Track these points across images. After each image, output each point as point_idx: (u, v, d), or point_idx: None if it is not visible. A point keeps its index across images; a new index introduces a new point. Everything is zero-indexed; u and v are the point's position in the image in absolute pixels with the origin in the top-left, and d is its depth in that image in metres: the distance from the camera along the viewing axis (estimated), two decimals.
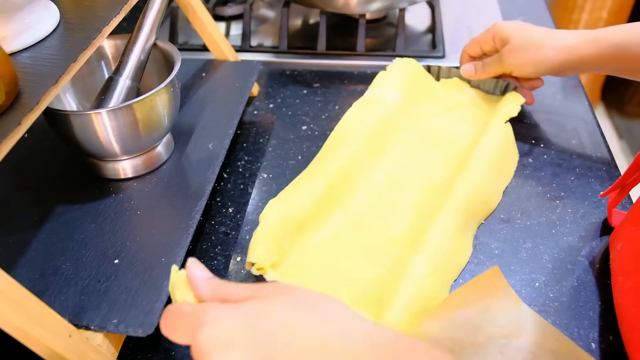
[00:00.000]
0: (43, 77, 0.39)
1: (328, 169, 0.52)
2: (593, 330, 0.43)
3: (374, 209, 0.51)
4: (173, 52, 0.53)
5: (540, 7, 0.87)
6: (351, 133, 0.56)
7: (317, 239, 0.48)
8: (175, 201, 0.49)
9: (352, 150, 0.54)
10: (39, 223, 0.47)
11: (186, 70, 0.66)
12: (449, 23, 0.83)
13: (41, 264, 0.44)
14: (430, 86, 0.66)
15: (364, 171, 0.54)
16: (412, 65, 0.66)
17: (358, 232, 0.49)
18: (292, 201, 0.48)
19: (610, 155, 0.59)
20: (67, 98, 0.54)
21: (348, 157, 0.53)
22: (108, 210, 0.49)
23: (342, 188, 0.52)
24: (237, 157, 0.61)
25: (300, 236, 0.48)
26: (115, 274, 0.43)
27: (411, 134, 0.59)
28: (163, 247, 0.45)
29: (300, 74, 0.74)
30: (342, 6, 0.75)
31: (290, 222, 0.47)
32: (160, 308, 0.40)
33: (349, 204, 0.51)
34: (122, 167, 0.52)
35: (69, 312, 0.40)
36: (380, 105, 0.60)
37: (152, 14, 0.51)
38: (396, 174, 0.55)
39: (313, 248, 0.47)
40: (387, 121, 0.58)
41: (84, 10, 0.47)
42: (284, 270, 0.45)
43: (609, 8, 1.62)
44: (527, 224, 0.52)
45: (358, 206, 0.51)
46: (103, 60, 0.57)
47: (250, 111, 0.68)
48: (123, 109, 0.47)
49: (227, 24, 0.84)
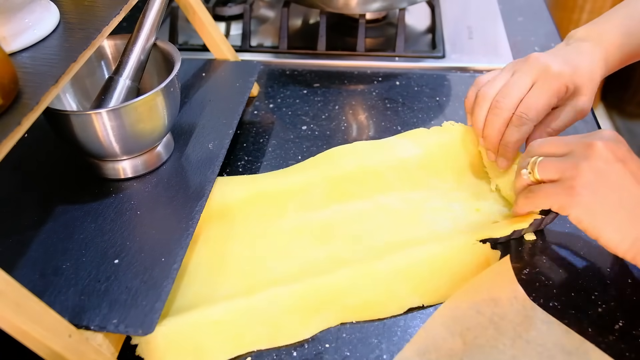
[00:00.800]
0: (43, 77, 0.39)
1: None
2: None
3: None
4: (173, 52, 0.53)
5: (540, 7, 0.87)
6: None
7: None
8: (175, 201, 0.49)
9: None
10: (39, 223, 0.47)
11: (186, 70, 0.66)
12: (449, 23, 0.83)
13: (41, 264, 0.44)
14: (456, 162, 0.56)
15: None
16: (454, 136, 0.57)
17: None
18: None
19: None
20: (67, 98, 0.54)
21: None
22: (108, 210, 0.49)
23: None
24: (237, 157, 0.61)
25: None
26: (115, 274, 0.43)
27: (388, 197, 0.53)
28: (163, 247, 0.45)
29: (300, 74, 0.74)
30: (342, 6, 0.75)
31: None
32: (161, 308, 0.40)
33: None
34: (122, 167, 0.52)
35: (69, 312, 0.40)
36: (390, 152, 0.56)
37: (152, 14, 0.51)
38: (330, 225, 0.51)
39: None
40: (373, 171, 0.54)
41: (84, 10, 0.47)
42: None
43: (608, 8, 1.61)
44: None
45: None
46: (103, 60, 0.57)
47: (250, 111, 0.68)
48: (123, 109, 0.47)
49: (227, 24, 0.84)
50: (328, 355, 0.42)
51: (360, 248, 0.48)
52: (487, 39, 0.79)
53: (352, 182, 0.54)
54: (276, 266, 0.47)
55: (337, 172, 0.54)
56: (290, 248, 0.49)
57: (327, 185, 0.53)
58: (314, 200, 0.53)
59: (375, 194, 0.53)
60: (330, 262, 0.47)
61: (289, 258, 0.48)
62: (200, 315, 0.42)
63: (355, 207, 0.52)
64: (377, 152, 0.56)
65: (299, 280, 0.44)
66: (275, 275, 0.46)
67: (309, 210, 0.52)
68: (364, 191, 0.54)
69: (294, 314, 0.43)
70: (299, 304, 0.43)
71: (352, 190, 0.54)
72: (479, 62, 0.74)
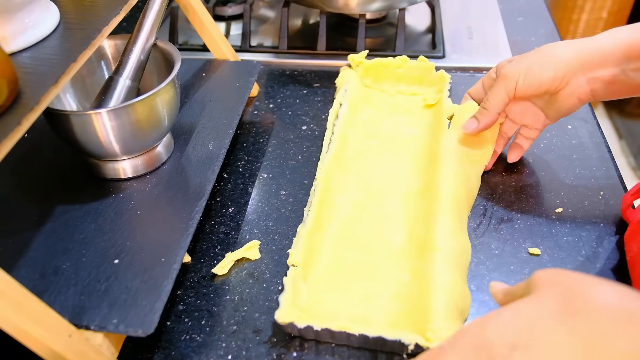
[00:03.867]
0: (43, 77, 0.39)
1: (312, 199, 0.51)
2: None
3: (362, 225, 0.51)
4: (173, 52, 0.53)
5: (540, 7, 0.87)
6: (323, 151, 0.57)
7: (319, 270, 0.47)
8: (175, 201, 0.49)
9: (324, 172, 0.53)
10: (39, 223, 0.47)
11: (186, 70, 0.66)
12: (449, 23, 0.83)
13: (41, 264, 0.44)
14: (372, 92, 0.67)
15: (339, 190, 0.54)
16: (351, 74, 0.66)
17: (356, 252, 0.48)
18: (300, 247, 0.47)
19: (611, 155, 0.59)
20: (67, 98, 0.54)
21: (322, 179, 0.52)
22: (108, 210, 0.49)
23: (326, 212, 0.51)
24: (237, 157, 0.61)
25: (307, 270, 0.46)
26: (115, 274, 0.43)
27: (365, 141, 0.60)
28: (163, 247, 0.45)
29: (300, 74, 0.74)
30: (342, 6, 0.75)
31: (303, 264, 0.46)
32: (161, 308, 0.40)
33: (335, 226, 0.51)
34: (122, 167, 0.52)
35: (69, 312, 0.40)
36: (336, 121, 0.60)
37: (152, 14, 0.51)
38: (369, 185, 0.55)
39: (318, 280, 0.46)
40: (343, 136, 0.58)
41: (84, 10, 0.47)
42: (311, 313, 0.43)
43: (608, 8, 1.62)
44: (527, 223, 0.52)
45: (344, 226, 0.51)
46: (103, 60, 0.57)
47: (250, 111, 0.68)
48: (123, 109, 0.47)
49: (227, 24, 0.84)
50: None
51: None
52: (487, 39, 0.79)
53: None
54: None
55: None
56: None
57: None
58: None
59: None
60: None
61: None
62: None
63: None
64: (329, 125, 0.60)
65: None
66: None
67: (348, 196, 0.54)
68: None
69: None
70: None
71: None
72: (479, 62, 0.74)
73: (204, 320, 0.45)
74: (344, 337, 0.41)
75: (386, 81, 0.67)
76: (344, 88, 0.64)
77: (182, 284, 0.48)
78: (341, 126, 0.59)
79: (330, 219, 0.51)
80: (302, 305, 0.43)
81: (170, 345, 0.43)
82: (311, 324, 0.41)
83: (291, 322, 0.41)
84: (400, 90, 0.67)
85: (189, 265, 0.49)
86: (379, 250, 0.48)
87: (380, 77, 0.67)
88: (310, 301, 0.44)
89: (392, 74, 0.67)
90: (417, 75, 0.66)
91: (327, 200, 0.52)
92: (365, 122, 0.62)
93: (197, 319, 0.45)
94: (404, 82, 0.67)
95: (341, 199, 0.53)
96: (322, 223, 0.50)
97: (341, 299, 0.45)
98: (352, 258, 0.48)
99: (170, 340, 0.44)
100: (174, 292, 0.47)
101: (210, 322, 0.45)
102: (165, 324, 0.45)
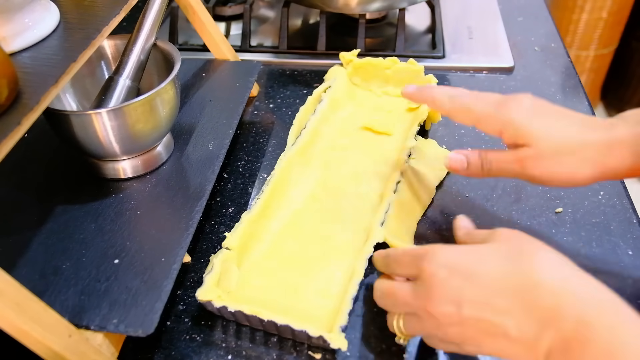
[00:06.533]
0: (43, 77, 0.39)
1: (265, 188, 0.52)
2: None
3: (311, 219, 0.51)
4: (173, 52, 0.53)
5: (540, 7, 0.87)
6: (291, 138, 0.59)
7: (255, 256, 0.48)
8: (175, 201, 0.49)
9: (283, 164, 0.54)
10: (39, 223, 0.47)
11: (186, 70, 0.66)
12: (449, 23, 0.83)
13: (41, 264, 0.44)
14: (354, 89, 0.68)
15: (297, 183, 0.54)
16: (340, 71, 0.68)
17: (298, 244, 0.49)
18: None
19: None
20: (67, 98, 0.54)
21: (280, 170, 0.53)
22: (108, 210, 0.49)
23: (277, 202, 0.52)
24: (237, 157, 0.61)
25: (243, 256, 0.47)
26: (115, 274, 0.43)
27: (337, 138, 0.60)
28: (163, 247, 0.45)
29: (300, 74, 0.74)
30: (342, 6, 0.75)
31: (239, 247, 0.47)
32: (161, 308, 0.40)
33: (283, 217, 0.51)
34: (122, 167, 0.52)
35: (69, 312, 0.40)
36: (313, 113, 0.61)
37: (152, 14, 0.51)
38: (329, 181, 0.55)
39: (253, 266, 0.47)
40: (315, 130, 0.59)
41: (84, 10, 0.47)
42: (238, 297, 0.44)
43: (608, 8, 1.61)
44: (527, 224, 0.52)
45: (293, 218, 0.51)
46: (103, 60, 0.57)
47: (250, 111, 0.68)
48: (123, 108, 0.47)
49: (227, 24, 0.84)
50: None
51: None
52: (487, 39, 0.79)
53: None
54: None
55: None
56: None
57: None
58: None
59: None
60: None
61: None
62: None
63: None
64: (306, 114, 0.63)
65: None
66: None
67: (304, 188, 0.55)
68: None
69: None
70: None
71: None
72: (479, 62, 0.74)
73: (204, 320, 0.45)
74: (257, 321, 0.42)
75: (374, 81, 0.67)
76: (327, 84, 0.64)
77: (182, 284, 0.48)
78: (316, 121, 0.59)
79: (281, 209, 0.52)
80: (230, 288, 0.44)
81: (170, 345, 0.43)
82: (226, 305, 0.42)
83: (209, 300, 0.42)
84: (386, 91, 0.67)
85: (189, 265, 0.49)
86: (320, 246, 0.49)
87: (369, 77, 0.67)
88: (240, 285, 0.45)
89: (381, 75, 0.67)
90: (405, 78, 0.65)
91: (282, 191, 0.53)
92: (344, 119, 0.63)
93: (197, 319, 0.45)
94: (392, 83, 0.67)
95: (297, 191, 0.54)
96: (269, 212, 0.50)
97: (271, 287, 0.45)
98: (291, 249, 0.49)
99: (170, 340, 0.44)
100: (174, 292, 0.47)
101: (210, 322, 0.45)
102: (165, 324, 0.45)
